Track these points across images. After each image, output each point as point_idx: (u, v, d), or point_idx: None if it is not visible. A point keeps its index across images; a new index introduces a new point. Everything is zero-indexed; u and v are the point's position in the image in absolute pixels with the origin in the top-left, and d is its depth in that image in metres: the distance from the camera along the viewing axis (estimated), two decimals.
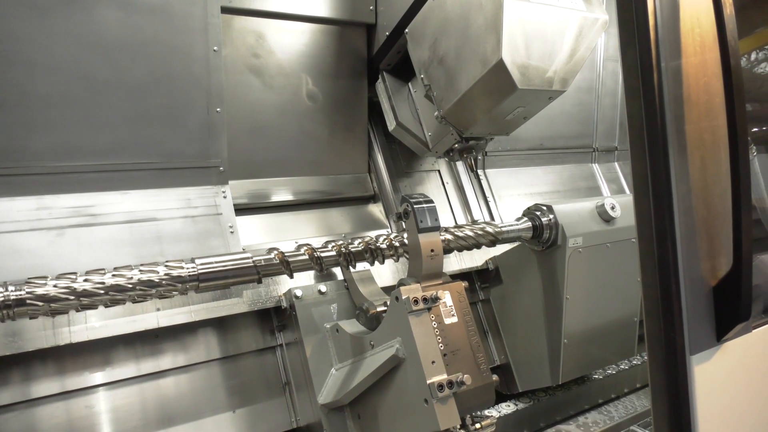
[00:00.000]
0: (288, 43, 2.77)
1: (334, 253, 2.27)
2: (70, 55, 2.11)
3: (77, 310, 1.78)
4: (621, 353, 2.95)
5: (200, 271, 1.95)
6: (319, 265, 2.22)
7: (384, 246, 2.35)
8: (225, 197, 2.51)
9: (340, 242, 2.30)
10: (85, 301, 1.75)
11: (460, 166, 3.36)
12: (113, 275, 1.82)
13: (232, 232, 2.47)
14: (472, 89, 2.33)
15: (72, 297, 1.73)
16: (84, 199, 2.24)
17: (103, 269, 1.83)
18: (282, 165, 2.86)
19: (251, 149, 2.74)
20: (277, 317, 2.48)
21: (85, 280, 1.77)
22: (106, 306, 1.81)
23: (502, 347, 2.99)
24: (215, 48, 2.36)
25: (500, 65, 2.18)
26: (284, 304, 2.36)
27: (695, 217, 1.26)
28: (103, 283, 1.78)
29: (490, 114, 2.42)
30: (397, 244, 2.37)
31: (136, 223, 2.30)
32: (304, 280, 2.49)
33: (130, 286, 1.82)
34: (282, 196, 2.86)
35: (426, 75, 2.54)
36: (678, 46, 1.21)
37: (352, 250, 2.30)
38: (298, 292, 2.32)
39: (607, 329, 2.79)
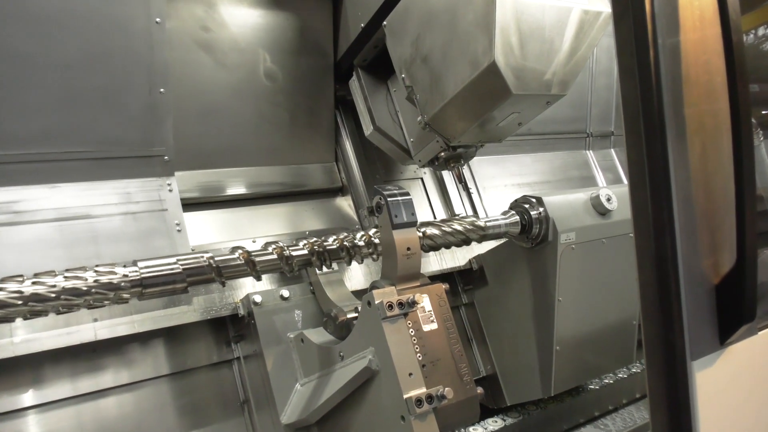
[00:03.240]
0: (243, 15, 2.75)
1: (306, 251, 2.25)
2: None
3: None
4: (619, 360, 3.01)
5: (144, 276, 1.92)
6: (289, 265, 2.21)
7: (362, 243, 2.35)
8: (171, 191, 2.49)
9: (313, 239, 2.30)
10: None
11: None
12: (33, 282, 1.74)
13: (179, 231, 2.44)
14: (460, 94, 2.31)
15: None
16: (6, 194, 2.19)
17: (21, 276, 1.77)
18: (236, 153, 2.83)
19: (201, 136, 2.71)
20: (234, 326, 2.46)
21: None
22: (25, 318, 1.76)
23: (488, 356, 3.02)
24: (158, 20, 2.33)
25: (493, 68, 2.16)
26: (241, 311, 2.35)
27: (696, 209, 1.29)
28: (21, 292, 1.72)
29: (480, 121, 2.41)
30: (377, 241, 2.37)
31: (68, 221, 2.26)
32: (264, 283, 2.48)
33: (53, 295, 1.75)
34: (237, 189, 2.84)
35: (408, 75, 2.52)
36: (676, 20, 1.24)
37: (327, 248, 2.30)
38: (258, 298, 2.31)
39: (603, 334, 2.84)
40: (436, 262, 2.98)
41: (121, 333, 2.18)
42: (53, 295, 1.76)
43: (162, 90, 2.40)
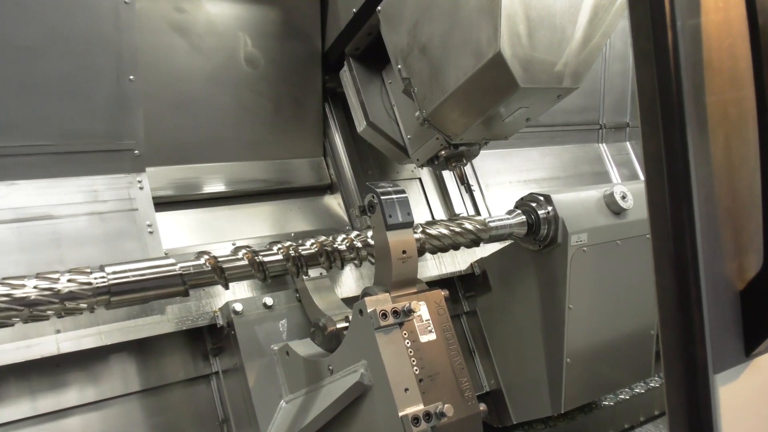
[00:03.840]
0: None
1: (280, 257, 2.26)
2: None
3: None
4: (635, 374, 3.02)
5: (111, 282, 1.91)
6: (261, 272, 2.22)
7: (343, 247, 2.35)
8: (141, 188, 2.48)
9: (288, 243, 2.30)
10: None
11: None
12: None
13: (151, 233, 2.44)
14: (462, 87, 2.31)
15: None
16: None
17: None
18: (214, 147, 2.83)
19: (175, 128, 2.71)
20: (212, 338, 2.46)
21: None
22: None
23: (492, 369, 3.02)
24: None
25: (498, 59, 2.16)
26: (220, 321, 2.34)
27: (719, 207, 1.29)
28: None
29: (484, 117, 2.41)
30: (359, 244, 2.37)
31: (27, 222, 2.25)
32: (245, 291, 2.48)
33: (3, 305, 1.73)
34: (215, 186, 2.83)
35: (404, 66, 2.52)
36: (697, 0, 1.24)
37: (303, 252, 2.30)
38: (238, 307, 2.31)
39: (618, 345, 2.85)
40: (434, 266, 2.98)
41: (87, 346, 2.17)
42: (3, 305, 1.75)
43: (131, 77, 2.39)
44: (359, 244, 2.37)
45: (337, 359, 2.07)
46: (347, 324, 2.18)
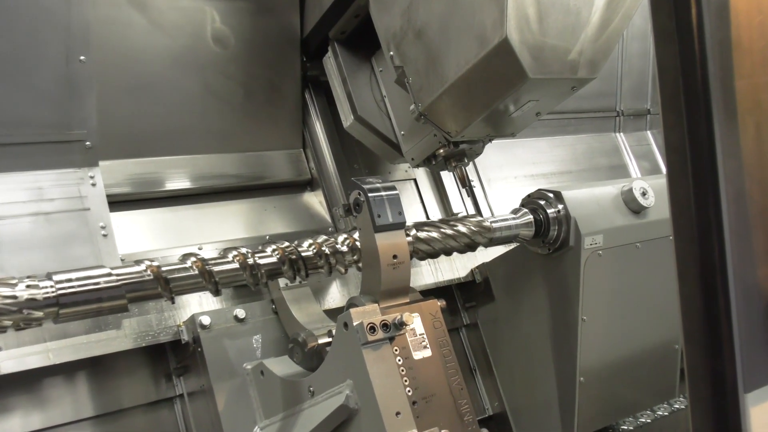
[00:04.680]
0: None
1: (275, 259, 2.25)
2: None
3: None
4: (658, 394, 3.03)
5: (60, 293, 1.91)
6: (254, 277, 2.20)
7: (345, 249, 2.34)
8: (94, 185, 2.48)
9: (285, 245, 2.29)
10: None
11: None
12: None
13: (105, 236, 2.43)
14: (463, 77, 2.31)
15: None
16: None
17: None
18: (177, 138, 2.83)
19: (132, 115, 2.70)
20: (176, 356, 2.46)
21: None
22: None
23: (495, 390, 3.03)
24: None
25: (504, 46, 2.16)
26: (185, 336, 2.34)
27: (749, 206, 1.30)
28: None
29: (489, 111, 2.42)
30: (341, 249, 2.36)
31: None
32: (213, 302, 2.48)
33: None
34: (178, 182, 2.83)
35: (397, 53, 2.51)
36: None
37: (303, 254, 2.28)
38: (206, 320, 2.30)
39: (638, 362, 2.86)
40: (429, 273, 2.99)
41: (33, 365, 2.16)
42: None
43: (82, 58, 2.38)
44: (339, 249, 2.36)
45: (318, 379, 2.08)
46: (330, 339, 2.18)
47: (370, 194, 2.10)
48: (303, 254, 2.28)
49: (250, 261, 2.19)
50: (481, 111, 2.41)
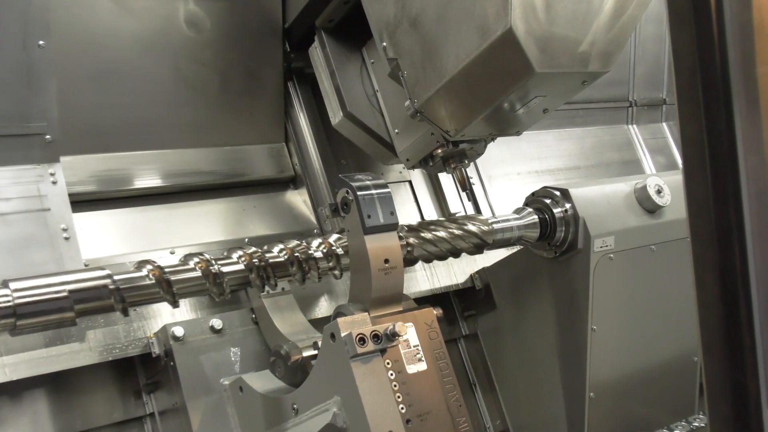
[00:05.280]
0: None
1: (242, 266, 2.25)
2: None
3: None
4: (675, 411, 3.03)
5: (18, 302, 1.90)
6: (218, 286, 2.20)
7: (319, 254, 2.35)
8: (55, 183, 2.48)
9: (252, 251, 2.29)
10: None
11: None
12: None
13: (67, 238, 2.43)
14: (463, 72, 2.30)
15: None
16: None
17: None
18: (147, 131, 2.82)
19: (97, 107, 2.70)
20: (146, 371, 2.46)
21: None
22: None
23: (497, 407, 3.03)
24: None
25: (509, 37, 2.15)
26: (156, 349, 2.34)
27: None
28: None
29: (491, 108, 2.41)
30: (341, 251, 2.37)
31: None
32: (188, 311, 2.48)
33: None
34: (148, 180, 2.83)
35: (391, 44, 2.50)
36: None
37: (271, 261, 2.29)
38: (179, 331, 2.30)
39: (653, 376, 2.87)
40: (425, 278, 2.99)
41: None
42: None
43: (41, 43, 2.38)
44: (341, 251, 2.36)
45: (303, 396, 2.07)
46: (316, 351, 2.18)
47: (359, 193, 2.10)
48: (272, 261, 2.28)
49: (214, 269, 2.19)
50: (482, 108, 2.41)
